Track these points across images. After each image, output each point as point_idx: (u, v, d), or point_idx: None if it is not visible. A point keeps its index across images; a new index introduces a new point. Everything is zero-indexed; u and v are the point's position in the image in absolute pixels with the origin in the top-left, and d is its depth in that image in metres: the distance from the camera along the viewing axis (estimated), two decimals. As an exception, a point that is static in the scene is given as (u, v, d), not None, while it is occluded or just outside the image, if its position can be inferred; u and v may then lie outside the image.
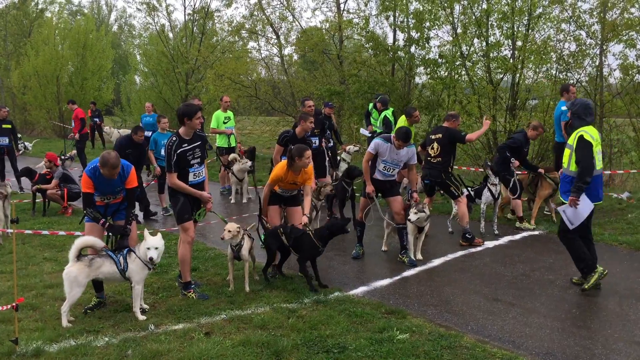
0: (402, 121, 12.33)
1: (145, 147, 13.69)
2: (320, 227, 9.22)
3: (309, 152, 8.79)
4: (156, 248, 7.31)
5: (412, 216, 9.84)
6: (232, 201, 15.74)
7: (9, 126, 18.07)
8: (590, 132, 7.99)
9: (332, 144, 15.30)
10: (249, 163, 15.56)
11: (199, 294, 8.16)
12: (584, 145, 7.92)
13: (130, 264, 7.37)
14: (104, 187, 7.68)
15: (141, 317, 7.31)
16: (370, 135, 16.41)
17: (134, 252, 7.40)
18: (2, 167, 17.91)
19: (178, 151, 7.87)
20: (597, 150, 8.08)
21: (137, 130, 13.13)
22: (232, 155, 16.03)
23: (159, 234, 7.43)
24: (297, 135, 10.47)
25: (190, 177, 8.12)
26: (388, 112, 15.45)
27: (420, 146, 11.88)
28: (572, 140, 8.07)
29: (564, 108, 12.14)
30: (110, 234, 7.87)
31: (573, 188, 7.95)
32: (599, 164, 8.13)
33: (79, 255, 7.34)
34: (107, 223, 7.72)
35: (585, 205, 8.07)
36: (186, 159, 7.98)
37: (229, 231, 8.46)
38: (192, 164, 8.08)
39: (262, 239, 9.06)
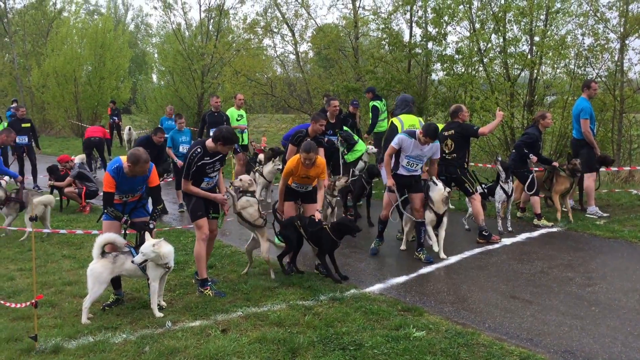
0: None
1: (163, 148, 13.74)
2: (334, 222, 9.26)
3: (312, 155, 8.82)
4: (143, 254, 7.30)
5: (428, 215, 9.88)
6: (269, 200, 15.05)
7: (28, 125, 18.13)
8: (402, 119, 10.53)
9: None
10: (280, 165, 15.13)
11: (216, 292, 8.17)
12: (391, 130, 10.54)
13: (148, 262, 7.40)
14: (125, 186, 7.72)
15: (158, 314, 7.32)
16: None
17: None
18: (21, 165, 17.92)
19: (199, 163, 7.97)
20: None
21: (157, 131, 13.19)
22: (260, 156, 15.94)
23: (149, 238, 7.47)
24: (310, 135, 10.43)
25: (203, 185, 8.23)
26: (378, 103, 15.30)
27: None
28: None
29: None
30: (126, 231, 7.91)
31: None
32: None
33: (103, 252, 7.40)
34: (129, 221, 7.76)
35: (384, 173, 10.02)
36: (205, 171, 8.12)
37: (240, 179, 8.72)
38: (209, 174, 8.22)
39: (278, 234, 9.11)
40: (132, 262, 7.31)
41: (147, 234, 7.47)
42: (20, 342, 6.56)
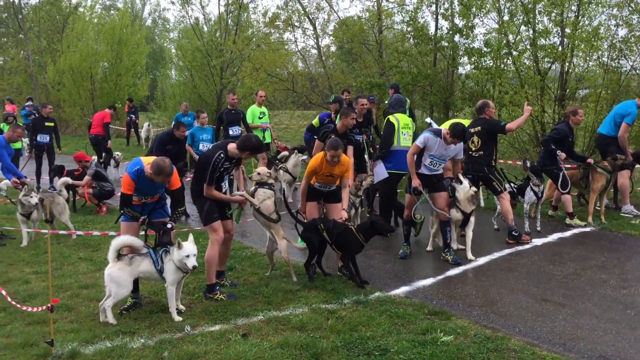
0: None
1: (184, 143, 13.78)
2: (363, 222, 9.22)
3: (339, 153, 8.78)
4: (194, 255, 7.33)
5: (455, 214, 9.84)
6: (291, 200, 14.98)
7: (52, 124, 18.07)
8: (397, 117, 10.78)
9: (372, 139, 15.19)
10: (304, 156, 15.12)
11: (228, 294, 8.16)
12: (388, 126, 10.74)
13: (165, 265, 7.43)
14: (145, 188, 7.78)
15: (177, 318, 7.34)
16: None
17: (169, 253, 7.43)
18: (39, 164, 17.90)
19: (222, 168, 7.99)
20: (403, 132, 10.69)
21: (179, 125, 13.12)
22: (282, 154, 15.92)
23: (192, 238, 7.45)
24: (338, 130, 10.38)
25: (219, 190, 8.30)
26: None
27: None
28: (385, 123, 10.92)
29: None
30: (147, 230, 7.99)
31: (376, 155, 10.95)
32: (402, 142, 10.63)
33: (118, 255, 7.44)
34: (146, 220, 7.80)
35: (380, 169, 10.65)
36: (223, 177, 8.21)
37: (259, 173, 8.81)
38: (224, 179, 8.32)
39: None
40: (194, 268, 7.32)
41: (179, 240, 7.42)
42: (36, 347, 6.59)
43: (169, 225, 7.72)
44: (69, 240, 11.67)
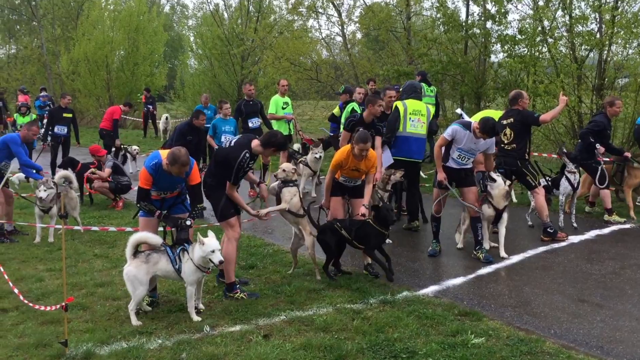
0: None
1: (205, 133, 13.80)
2: (373, 207, 9.23)
3: (368, 146, 8.73)
4: (219, 249, 7.32)
5: (487, 210, 9.81)
6: (314, 195, 14.94)
7: (70, 115, 18.18)
8: (406, 103, 11.14)
9: None
10: (318, 154, 14.95)
11: (249, 293, 8.18)
12: (393, 112, 11.16)
13: (183, 265, 7.41)
14: (163, 182, 7.82)
15: (196, 318, 7.36)
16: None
17: (188, 252, 7.43)
18: (54, 156, 17.96)
19: (247, 168, 8.02)
20: (410, 118, 11.04)
21: (198, 114, 13.08)
22: (295, 145, 15.89)
23: (212, 234, 7.45)
24: (365, 119, 10.33)
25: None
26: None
27: None
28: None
29: None
30: (166, 226, 8.03)
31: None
32: (409, 128, 11.08)
33: (136, 252, 7.47)
34: (162, 214, 7.83)
35: (386, 155, 10.87)
36: (243, 176, 8.21)
37: (284, 170, 8.85)
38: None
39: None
40: (221, 262, 7.30)
41: (199, 235, 7.42)
42: (50, 347, 6.63)
43: (188, 222, 7.72)
44: (84, 237, 11.70)
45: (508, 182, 9.99)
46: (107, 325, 7.27)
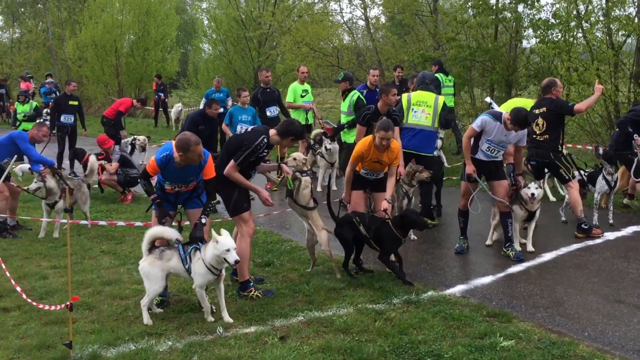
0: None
1: (218, 122, 13.82)
2: (396, 215, 9.21)
3: (390, 134, 8.71)
4: (235, 248, 7.24)
5: (518, 210, 9.85)
6: (319, 189, 14.66)
7: (76, 103, 18.17)
8: (410, 95, 11.02)
9: None
10: (330, 145, 14.91)
11: (264, 291, 8.20)
12: (398, 105, 10.86)
13: (193, 265, 7.38)
14: (172, 175, 7.84)
15: (210, 319, 7.38)
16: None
17: (199, 252, 7.39)
18: (61, 147, 17.98)
19: (261, 154, 8.00)
20: (414, 109, 10.79)
21: (211, 103, 13.14)
22: (315, 132, 15.83)
23: (226, 232, 7.39)
24: (380, 110, 10.32)
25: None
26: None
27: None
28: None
29: None
30: (181, 221, 8.14)
31: None
32: (411, 119, 10.81)
33: (151, 248, 7.51)
34: (158, 200, 7.87)
35: None
36: (256, 165, 8.20)
37: (295, 159, 8.94)
38: (255, 168, 8.29)
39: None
40: (237, 262, 7.23)
41: (214, 233, 7.40)
42: (54, 349, 6.64)
43: (203, 220, 7.72)
44: (90, 232, 11.69)
45: (540, 191, 9.90)
46: (114, 326, 7.26)
